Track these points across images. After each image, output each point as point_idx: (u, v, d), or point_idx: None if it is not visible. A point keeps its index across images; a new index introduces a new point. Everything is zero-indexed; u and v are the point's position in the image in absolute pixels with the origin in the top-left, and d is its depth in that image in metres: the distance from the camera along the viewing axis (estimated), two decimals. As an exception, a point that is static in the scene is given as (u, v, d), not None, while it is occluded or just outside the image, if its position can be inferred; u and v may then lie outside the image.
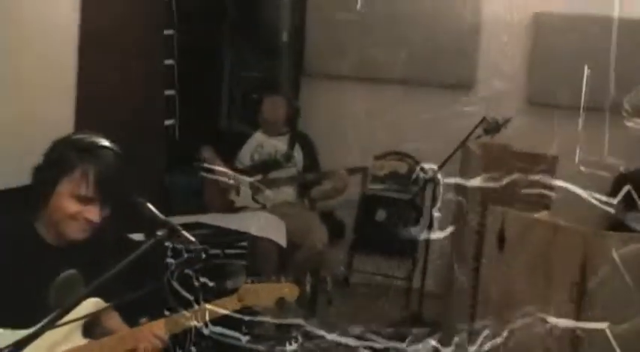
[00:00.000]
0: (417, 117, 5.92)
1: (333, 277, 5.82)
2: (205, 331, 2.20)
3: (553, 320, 3.99)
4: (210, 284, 4.02)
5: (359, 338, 4.85)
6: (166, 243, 2.32)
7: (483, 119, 5.02)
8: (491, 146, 4.85)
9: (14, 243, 2.36)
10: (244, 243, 4.40)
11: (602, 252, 4.03)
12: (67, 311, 2.05)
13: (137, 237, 3.87)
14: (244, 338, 2.87)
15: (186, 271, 3.58)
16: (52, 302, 2.38)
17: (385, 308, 5.56)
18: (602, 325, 2.82)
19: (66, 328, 2.27)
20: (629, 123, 5.05)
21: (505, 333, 4.25)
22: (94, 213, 2.37)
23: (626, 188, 4.34)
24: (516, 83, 5.88)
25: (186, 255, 3.54)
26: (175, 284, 2.96)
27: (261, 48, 5.75)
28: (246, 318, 2.86)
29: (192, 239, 2.28)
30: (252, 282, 2.72)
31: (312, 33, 6.06)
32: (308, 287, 4.93)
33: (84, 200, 2.35)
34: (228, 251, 4.33)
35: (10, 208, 2.52)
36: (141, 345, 2.44)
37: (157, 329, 2.47)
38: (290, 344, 3.11)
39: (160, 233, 2.22)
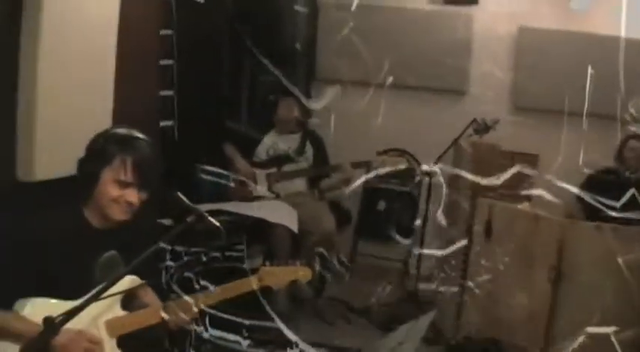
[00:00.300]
0: (416, 119, 5.95)
1: (339, 259, 5.84)
2: (205, 335, 2.16)
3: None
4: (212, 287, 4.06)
5: (361, 314, 4.94)
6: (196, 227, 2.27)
7: (474, 120, 5.05)
8: (480, 145, 4.87)
9: (66, 227, 2.42)
10: (242, 246, 4.40)
11: (577, 239, 4.08)
12: (109, 286, 2.09)
13: (167, 222, 3.91)
14: (245, 342, 2.85)
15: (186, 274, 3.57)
16: (97, 278, 2.42)
17: (385, 288, 5.60)
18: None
19: (107, 301, 2.31)
20: (632, 128, 5.08)
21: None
22: (133, 196, 2.44)
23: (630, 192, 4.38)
24: (504, 89, 5.89)
25: (185, 258, 3.54)
26: (175, 287, 2.90)
27: (277, 55, 5.74)
28: (247, 322, 2.82)
29: (218, 224, 2.31)
30: (272, 265, 2.75)
31: (322, 42, 6.05)
32: (317, 269, 4.92)
33: (124, 185, 2.42)
34: (227, 253, 4.33)
35: (60, 196, 2.56)
36: (170, 318, 2.48)
37: (185, 305, 2.50)
38: (291, 348, 2.97)
39: (189, 219, 2.25)
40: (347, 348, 4.33)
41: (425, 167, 5.25)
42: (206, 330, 2.64)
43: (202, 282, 2.67)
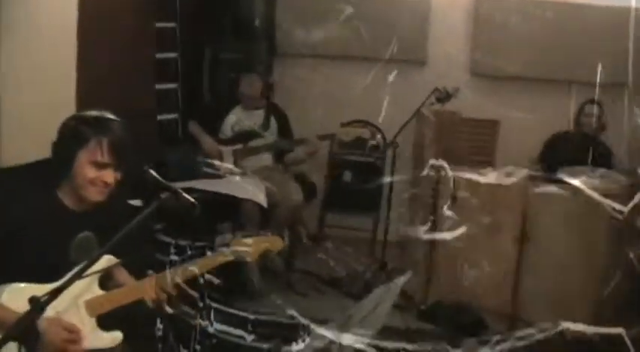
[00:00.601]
0: (378, 90, 5.98)
1: (307, 231, 5.88)
2: (210, 329, 2.15)
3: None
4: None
5: (333, 285, 5.00)
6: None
7: (435, 89, 5.11)
8: (442, 113, 4.94)
9: (41, 211, 2.44)
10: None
11: (539, 202, 4.18)
12: (90, 265, 2.11)
13: (136, 202, 3.91)
14: (250, 337, 2.83)
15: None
16: (72, 259, 2.44)
17: (354, 258, 5.66)
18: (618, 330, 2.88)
19: (86, 282, 2.34)
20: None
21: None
22: (109, 177, 2.45)
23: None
24: (463, 58, 5.97)
25: (189, 252, 3.53)
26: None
27: (237, 33, 5.75)
28: (252, 317, 2.78)
29: (192, 200, 2.34)
30: (243, 236, 2.78)
31: (281, 18, 6.08)
32: (286, 241, 4.96)
33: (100, 166, 2.43)
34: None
35: (28, 181, 2.57)
36: (147, 296, 2.51)
37: (162, 282, 2.53)
38: (297, 343, 2.98)
39: (163, 195, 2.28)
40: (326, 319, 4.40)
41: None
42: (211, 325, 2.64)
43: (207, 276, 2.71)
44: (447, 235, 3.93)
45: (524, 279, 4.30)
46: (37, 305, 1.73)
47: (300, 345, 2.87)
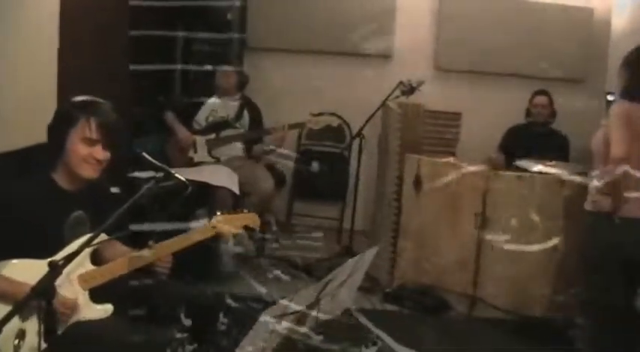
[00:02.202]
0: (346, 83, 6.17)
1: (277, 220, 6.04)
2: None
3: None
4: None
5: (304, 269, 5.14)
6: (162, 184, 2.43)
7: (400, 82, 5.28)
8: (407, 105, 5.10)
9: (36, 191, 2.58)
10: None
11: (500, 188, 4.39)
12: (94, 238, 2.26)
13: (114, 189, 4.02)
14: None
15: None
16: (65, 236, 2.59)
17: (322, 245, 5.83)
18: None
19: (77, 258, 2.48)
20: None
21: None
22: (100, 153, 2.61)
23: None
24: (427, 52, 6.15)
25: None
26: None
27: (210, 26, 5.87)
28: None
29: (183, 178, 2.50)
30: (222, 214, 2.93)
31: (253, 13, 6.22)
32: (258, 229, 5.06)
33: (90, 142, 2.59)
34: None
35: (28, 163, 2.71)
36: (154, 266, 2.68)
37: (147, 257, 2.69)
38: (367, 347, 3.06)
39: (156, 175, 2.44)
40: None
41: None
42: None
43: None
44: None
45: (484, 259, 4.49)
46: (55, 268, 1.90)
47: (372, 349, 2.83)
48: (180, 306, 2.67)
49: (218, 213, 2.92)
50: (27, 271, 2.38)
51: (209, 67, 5.35)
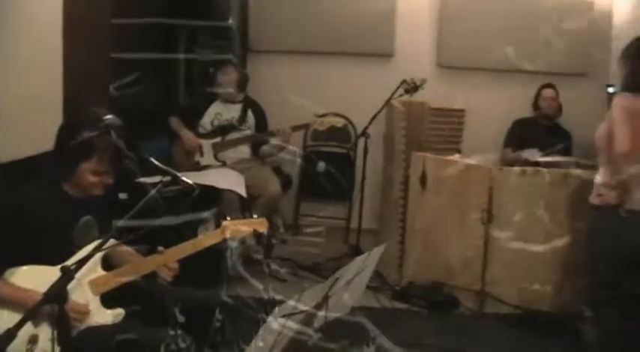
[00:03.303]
0: (349, 83, 6.18)
1: (284, 221, 6.06)
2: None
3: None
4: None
5: (312, 270, 5.15)
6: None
7: (403, 81, 5.28)
8: (410, 103, 5.11)
9: (47, 199, 2.62)
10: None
11: (505, 183, 4.41)
12: (103, 243, 2.28)
13: (122, 195, 4.04)
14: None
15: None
16: (75, 241, 2.62)
17: (329, 245, 5.85)
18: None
19: (88, 263, 2.51)
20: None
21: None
22: (109, 179, 2.66)
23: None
24: (429, 50, 6.16)
25: None
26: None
27: (212, 30, 5.89)
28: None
29: (190, 181, 2.52)
30: (232, 219, 2.94)
31: (254, 16, 6.25)
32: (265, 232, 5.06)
33: (100, 173, 2.63)
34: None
35: (38, 171, 2.73)
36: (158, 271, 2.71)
37: (167, 260, 2.72)
38: (367, 346, 2.97)
39: (164, 179, 2.45)
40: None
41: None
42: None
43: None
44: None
45: (491, 255, 4.51)
46: (67, 273, 1.93)
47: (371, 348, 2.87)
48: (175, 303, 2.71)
49: (228, 218, 2.93)
50: (37, 277, 2.41)
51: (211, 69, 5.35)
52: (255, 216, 3.05)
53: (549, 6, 5.89)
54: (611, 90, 4.83)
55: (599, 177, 3.50)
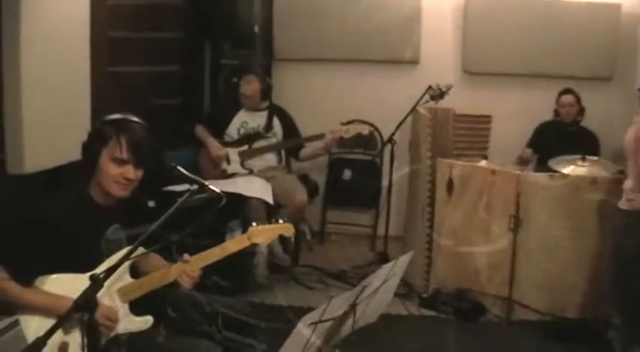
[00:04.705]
0: (374, 90, 6.18)
1: (311, 229, 6.07)
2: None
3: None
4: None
5: (337, 278, 5.15)
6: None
7: (429, 88, 5.28)
8: (436, 110, 5.10)
9: (75, 207, 2.63)
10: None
11: (532, 188, 4.38)
12: (132, 251, 2.28)
13: (151, 203, 4.07)
14: (260, 346, 2.81)
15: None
16: (103, 250, 2.64)
17: (356, 252, 5.86)
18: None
19: (117, 271, 2.52)
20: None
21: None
22: (130, 173, 2.64)
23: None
24: (454, 56, 6.13)
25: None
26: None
27: (237, 39, 5.93)
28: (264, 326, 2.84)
29: (217, 190, 2.51)
30: (257, 224, 2.94)
31: (278, 24, 6.25)
32: (292, 239, 5.07)
33: (120, 162, 2.62)
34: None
35: (65, 180, 2.76)
36: (179, 279, 2.70)
37: (188, 266, 2.73)
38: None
39: (191, 188, 2.46)
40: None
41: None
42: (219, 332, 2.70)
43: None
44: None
45: (520, 261, 4.48)
46: (96, 281, 1.95)
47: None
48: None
49: (254, 224, 2.92)
50: (66, 286, 2.43)
51: (235, 80, 5.38)
52: (281, 221, 3.01)
53: (575, 10, 5.84)
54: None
55: (628, 182, 3.47)
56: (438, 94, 5.20)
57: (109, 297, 2.59)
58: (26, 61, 3.62)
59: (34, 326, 2.40)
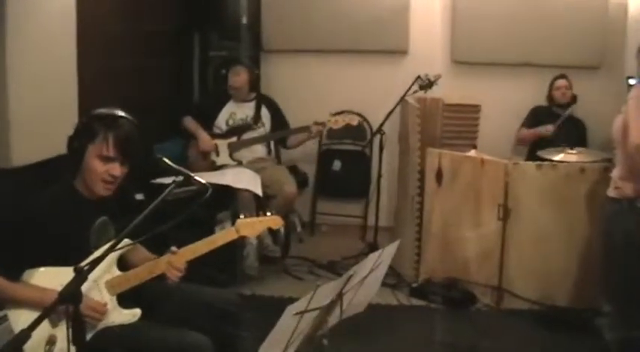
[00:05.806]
0: (363, 80, 6.17)
1: (301, 220, 6.07)
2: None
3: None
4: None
5: (328, 268, 5.16)
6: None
7: (417, 77, 5.25)
8: (425, 100, 5.10)
9: (62, 200, 2.64)
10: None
11: (521, 178, 4.39)
12: (116, 244, 2.27)
13: (139, 196, 4.05)
14: (249, 336, 2.81)
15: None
16: (92, 242, 2.64)
17: (346, 243, 5.85)
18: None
19: (104, 264, 2.52)
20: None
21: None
22: (116, 170, 2.63)
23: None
24: (443, 46, 6.13)
25: None
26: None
27: (225, 30, 5.91)
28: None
29: (203, 181, 2.50)
30: (245, 217, 2.94)
31: (266, 15, 6.23)
32: (282, 230, 5.08)
33: (106, 159, 2.61)
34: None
35: (50, 174, 2.74)
36: (165, 271, 2.70)
37: (177, 260, 2.72)
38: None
39: (176, 179, 2.44)
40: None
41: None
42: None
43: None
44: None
45: (508, 250, 4.49)
46: (81, 274, 1.94)
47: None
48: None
49: (241, 216, 2.92)
50: (53, 279, 2.43)
51: (223, 71, 5.37)
52: (269, 213, 3.00)
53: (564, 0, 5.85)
54: (632, 81, 4.78)
55: (616, 170, 3.48)
56: (427, 84, 5.18)
57: (97, 290, 2.59)
58: (12, 55, 3.59)
59: (22, 320, 2.39)
